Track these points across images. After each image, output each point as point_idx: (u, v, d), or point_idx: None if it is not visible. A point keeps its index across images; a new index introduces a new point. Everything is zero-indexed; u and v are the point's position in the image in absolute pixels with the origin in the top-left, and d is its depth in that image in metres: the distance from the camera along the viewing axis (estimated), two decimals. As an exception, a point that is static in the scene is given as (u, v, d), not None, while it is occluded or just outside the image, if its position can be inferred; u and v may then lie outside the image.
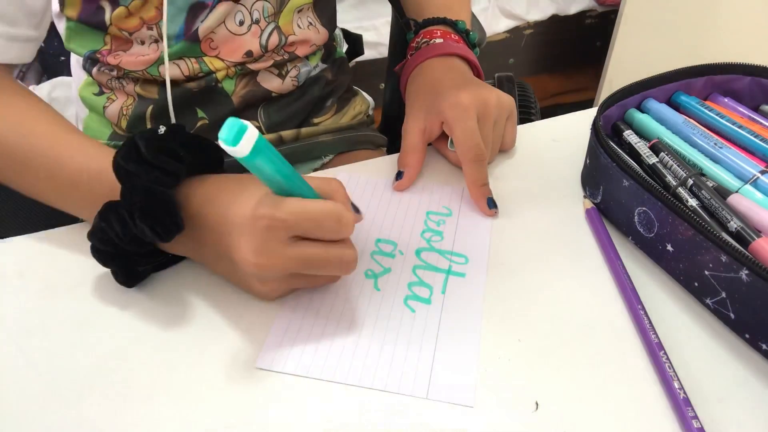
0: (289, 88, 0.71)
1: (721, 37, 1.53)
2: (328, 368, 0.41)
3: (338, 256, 0.42)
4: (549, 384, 0.40)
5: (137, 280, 0.46)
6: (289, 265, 0.41)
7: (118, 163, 0.43)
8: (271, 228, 0.39)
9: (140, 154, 0.42)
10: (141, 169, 0.42)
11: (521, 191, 0.55)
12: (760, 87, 0.56)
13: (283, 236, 0.40)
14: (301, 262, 0.41)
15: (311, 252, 0.41)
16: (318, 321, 0.44)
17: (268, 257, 0.40)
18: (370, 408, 0.39)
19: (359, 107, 0.80)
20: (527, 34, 1.93)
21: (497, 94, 0.56)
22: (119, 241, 0.42)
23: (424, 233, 0.51)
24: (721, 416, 0.38)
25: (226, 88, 0.67)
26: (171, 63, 0.63)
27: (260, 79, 0.68)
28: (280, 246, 0.40)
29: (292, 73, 0.70)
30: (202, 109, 0.68)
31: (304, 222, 0.40)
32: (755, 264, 0.39)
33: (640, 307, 0.44)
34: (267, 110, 0.71)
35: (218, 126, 0.35)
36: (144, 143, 0.42)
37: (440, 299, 0.46)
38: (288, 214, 0.39)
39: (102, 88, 0.67)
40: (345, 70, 0.80)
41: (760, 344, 0.41)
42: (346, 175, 0.57)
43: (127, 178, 0.43)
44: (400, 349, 0.42)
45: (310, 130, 0.74)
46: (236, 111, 0.69)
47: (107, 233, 0.43)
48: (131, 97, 0.67)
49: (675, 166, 0.49)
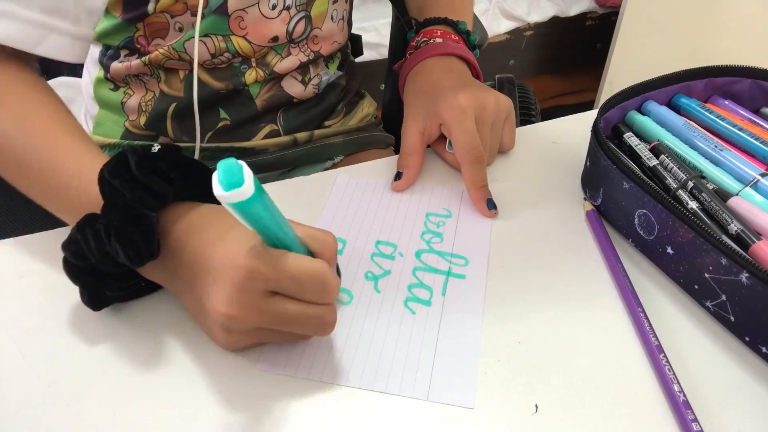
0: (309, 94, 0.72)
1: (722, 39, 1.53)
2: (328, 371, 0.41)
3: (317, 316, 0.39)
4: (549, 386, 0.40)
5: (104, 304, 0.43)
6: (262, 319, 0.38)
7: (104, 177, 0.40)
8: (250, 279, 0.36)
9: (128, 171, 0.40)
10: (126, 186, 0.40)
11: (521, 193, 0.55)
12: (760, 89, 0.56)
13: (260, 289, 0.37)
14: (275, 319, 0.38)
15: (289, 309, 0.38)
16: None
17: (240, 309, 0.37)
18: (371, 410, 0.39)
19: (367, 109, 0.82)
20: (528, 35, 1.93)
21: (495, 96, 0.56)
22: (92, 257, 0.40)
23: (423, 235, 0.51)
24: (721, 419, 0.38)
25: (251, 91, 0.68)
26: (198, 41, 0.62)
27: (284, 85, 0.69)
28: (256, 299, 0.37)
29: (314, 80, 0.72)
30: (225, 110, 0.68)
31: (287, 280, 0.37)
32: (755, 267, 0.39)
33: (640, 310, 0.44)
34: (286, 115, 0.72)
35: (240, 127, 0.34)
36: (135, 159, 0.40)
37: (440, 301, 0.46)
38: (272, 269, 0.36)
39: (117, 83, 0.67)
40: (355, 74, 0.81)
41: (760, 347, 0.41)
42: (346, 177, 0.57)
43: (111, 193, 0.40)
44: (401, 351, 0.42)
45: (321, 132, 0.75)
46: (258, 114, 0.69)
47: (81, 247, 0.40)
48: (151, 92, 0.66)
49: (675, 169, 0.49)
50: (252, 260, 0.36)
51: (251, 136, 0.70)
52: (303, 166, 0.75)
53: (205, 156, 0.70)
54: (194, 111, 0.62)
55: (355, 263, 0.48)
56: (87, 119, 0.73)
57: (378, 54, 1.69)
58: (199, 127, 0.64)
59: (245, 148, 0.70)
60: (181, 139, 0.68)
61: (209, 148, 0.69)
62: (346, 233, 0.51)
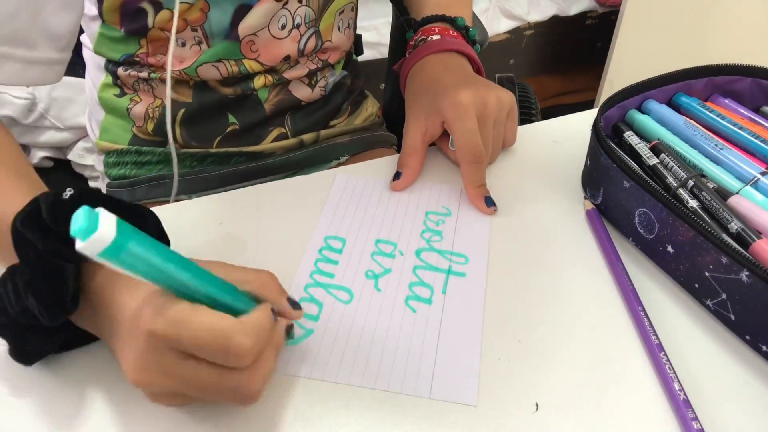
0: (317, 97, 0.72)
1: (722, 38, 1.53)
2: (330, 370, 0.41)
3: (233, 387, 0.33)
4: (549, 385, 0.40)
5: (35, 358, 0.39)
6: (172, 386, 0.34)
7: (16, 227, 0.36)
8: (150, 343, 0.32)
9: (41, 219, 0.36)
10: (38, 236, 0.36)
11: (522, 192, 0.55)
12: (760, 88, 0.56)
13: (165, 352, 0.33)
14: (185, 386, 0.34)
15: (197, 375, 0.33)
16: (319, 324, 0.44)
17: (146, 374, 0.33)
18: (373, 408, 0.39)
19: (370, 109, 0.82)
20: (528, 34, 1.93)
21: (496, 92, 0.55)
22: (11, 311, 0.36)
23: (423, 233, 0.51)
24: (721, 417, 0.38)
25: (260, 95, 0.68)
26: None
27: (291, 88, 0.70)
28: (163, 360, 0.33)
29: (321, 83, 0.72)
30: (234, 115, 0.68)
31: (186, 340, 0.32)
32: (756, 265, 0.39)
33: (641, 309, 0.44)
34: (294, 117, 0.72)
35: (248, 131, 0.32)
36: (46, 206, 0.36)
37: (441, 299, 0.46)
38: (169, 325, 0.32)
39: (124, 89, 0.67)
40: (359, 73, 0.81)
41: (761, 346, 0.41)
42: (345, 176, 0.57)
43: (24, 245, 0.36)
44: (402, 350, 0.42)
45: (326, 132, 0.75)
46: (267, 118, 0.69)
47: (2, 300, 0.36)
48: (158, 99, 0.66)
49: (675, 168, 0.48)
50: (150, 315, 0.32)
51: (260, 140, 0.70)
52: (309, 167, 0.75)
53: (214, 160, 0.70)
54: (167, 127, 0.61)
55: (356, 262, 0.48)
56: (93, 124, 0.72)
57: (378, 53, 1.69)
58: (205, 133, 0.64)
59: (254, 152, 0.70)
60: (190, 144, 0.68)
61: (218, 153, 0.69)
62: (345, 232, 0.51)
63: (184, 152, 0.68)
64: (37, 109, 1.29)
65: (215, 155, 0.69)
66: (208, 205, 0.54)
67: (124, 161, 0.70)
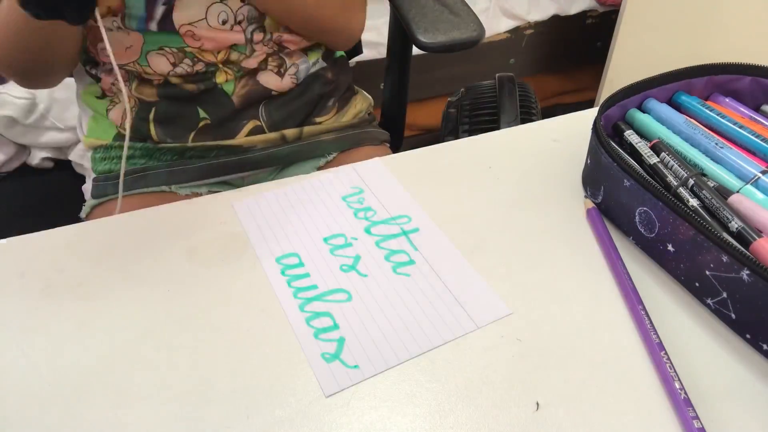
0: (288, 86, 0.71)
1: (722, 37, 1.53)
2: (387, 357, 0.42)
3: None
4: (550, 384, 0.40)
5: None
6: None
7: None
8: None
9: None
10: None
11: (522, 191, 0.55)
12: (761, 87, 0.56)
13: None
14: None
15: None
16: (343, 330, 0.43)
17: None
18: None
19: (360, 106, 0.81)
20: (528, 34, 1.93)
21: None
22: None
23: (357, 214, 0.52)
24: (721, 416, 0.38)
25: (225, 89, 0.68)
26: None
27: (260, 78, 0.69)
28: None
29: (291, 70, 0.71)
30: (203, 109, 0.69)
31: None
32: (756, 264, 0.39)
33: (641, 307, 0.44)
34: (268, 108, 0.71)
35: (221, 125, 0.34)
36: None
37: (419, 255, 0.49)
38: None
39: (104, 92, 0.69)
40: (345, 69, 0.81)
41: (761, 344, 0.41)
42: (242, 203, 0.53)
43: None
44: (428, 308, 0.45)
45: (312, 129, 0.75)
46: (237, 110, 0.69)
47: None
48: (133, 99, 0.68)
49: (676, 166, 0.48)
50: None
51: (234, 133, 0.71)
52: (295, 163, 0.75)
53: (194, 155, 0.71)
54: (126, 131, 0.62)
55: (324, 265, 0.48)
56: (81, 123, 0.75)
57: (378, 53, 1.69)
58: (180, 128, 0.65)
59: (231, 146, 0.71)
60: (165, 140, 0.70)
61: (195, 147, 0.70)
62: (290, 247, 0.49)
63: (163, 147, 0.70)
64: (37, 110, 1.29)
65: (193, 149, 0.70)
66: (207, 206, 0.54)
67: (110, 156, 0.72)
